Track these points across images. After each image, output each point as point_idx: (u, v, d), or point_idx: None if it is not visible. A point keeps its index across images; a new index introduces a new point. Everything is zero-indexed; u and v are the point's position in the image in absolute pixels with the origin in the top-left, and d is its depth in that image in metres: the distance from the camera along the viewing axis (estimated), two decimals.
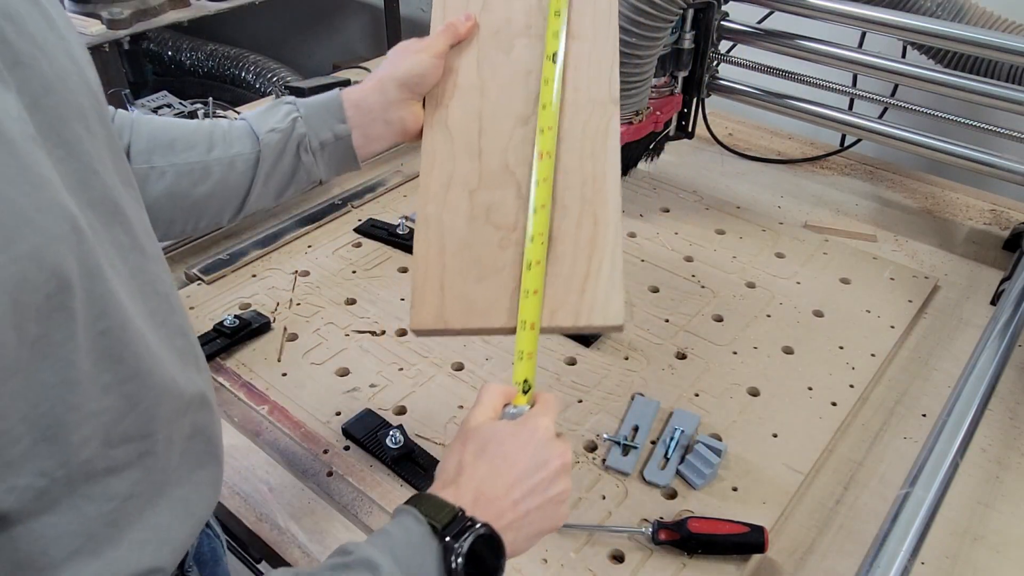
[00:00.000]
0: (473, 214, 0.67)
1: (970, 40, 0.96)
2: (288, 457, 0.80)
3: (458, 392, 0.87)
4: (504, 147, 0.69)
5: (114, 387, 0.42)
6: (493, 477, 0.53)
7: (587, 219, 0.65)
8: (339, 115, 0.71)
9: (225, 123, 0.70)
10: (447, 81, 0.72)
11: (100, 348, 0.40)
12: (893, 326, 0.98)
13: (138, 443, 0.45)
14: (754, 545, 0.70)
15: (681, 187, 1.27)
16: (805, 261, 1.09)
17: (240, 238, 1.11)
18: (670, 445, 0.80)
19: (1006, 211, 1.24)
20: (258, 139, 0.69)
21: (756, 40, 1.17)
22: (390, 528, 0.50)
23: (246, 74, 2.34)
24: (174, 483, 0.49)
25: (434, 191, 0.68)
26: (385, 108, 0.71)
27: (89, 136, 0.43)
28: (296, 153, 0.70)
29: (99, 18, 1.88)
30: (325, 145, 0.71)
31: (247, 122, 0.70)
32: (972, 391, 0.74)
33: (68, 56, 0.43)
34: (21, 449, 0.37)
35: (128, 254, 0.45)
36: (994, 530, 0.75)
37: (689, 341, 0.95)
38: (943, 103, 1.08)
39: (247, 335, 0.93)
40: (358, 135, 0.72)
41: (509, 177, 0.67)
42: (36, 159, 0.37)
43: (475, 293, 0.64)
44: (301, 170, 0.71)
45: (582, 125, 0.68)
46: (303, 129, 0.70)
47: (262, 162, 0.69)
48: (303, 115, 0.70)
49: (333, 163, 0.73)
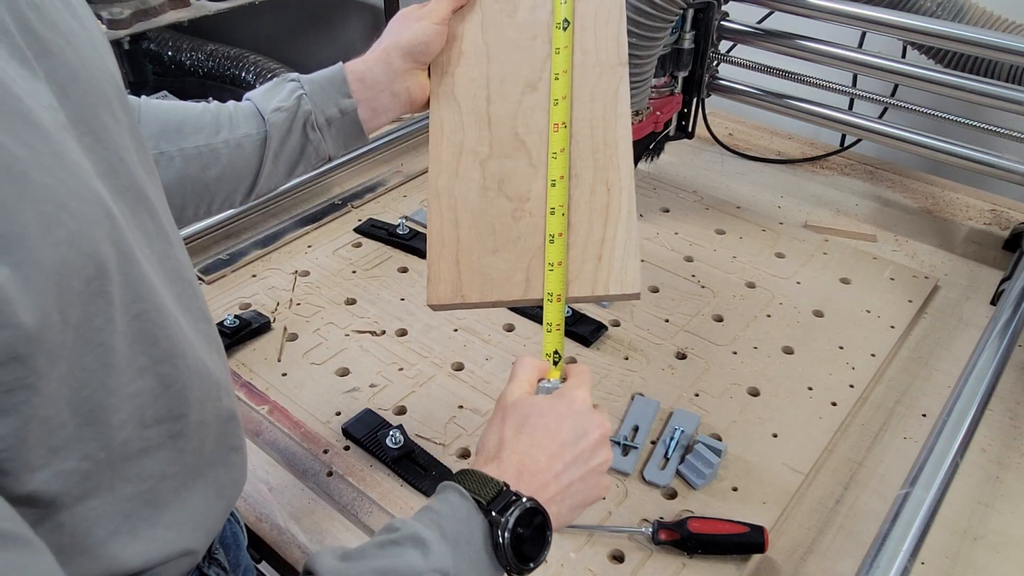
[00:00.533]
0: (485, 184, 0.66)
1: (970, 40, 0.96)
2: (288, 457, 0.80)
3: (458, 392, 0.87)
4: (513, 114, 0.68)
5: (149, 369, 0.43)
6: (535, 450, 0.53)
7: (600, 186, 0.64)
8: (344, 89, 0.70)
9: (231, 105, 0.70)
10: (452, 48, 0.71)
11: (135, 331, 0.41)
12: (893, 326, 0.98)
13: (170, 424, 0.46)
14: (754, 545, 0.70)
15: (681, 187, 1.27)
16: (805, 261, 1.09)
17: (240, 238, 1.11)
18: (670, 445, 0.80)
19: (1006, 211, 1.24)
20: (264, 119, 0.68)
21: (756, 40, 1.17)
22: (435, 504, 0.49)
23: (246, 74, 2.34)
24: (205, 465, 0.50)
25: (445, 161, 0.67)
26: (391, 80, 0.70)
27: (115, 123, 0.44)
28: (303, 131, 0.69)
29: (99, 18, 1.88)
30: (332, 121, 0.70)
31: (252, 102, 0.70)
32: (972, 391, 0.74)
33: (91, 44, 0.43)
34: (66, 434, 0.38)
35: (154, 241, 0.46)
36: (994, 530, 0.75)
37: (689, 341, 0.95)
38: (943, 103, 1.08)
39: (247, 335, 0.93)
40: (364, 108, 0.71)
41: (519, 146, 0.67)
42: (69, 147, 0.38)
43: (491, 265, 0.63)
44: (309, 147, 0.70)
45: (591, 89, 0.67)
46: (308, 106, 0.69)
47: (270, 142, 0.68)
48: (307, 92, 0.69)
49: (341, 138, 0.72)
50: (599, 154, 0.65)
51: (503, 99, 0.68)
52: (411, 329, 0.96)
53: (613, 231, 0.63)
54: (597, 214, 0.63)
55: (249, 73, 2.33)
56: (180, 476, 0.47)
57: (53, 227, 0.34)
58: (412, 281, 1.04)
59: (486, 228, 0.64)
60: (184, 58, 2.44)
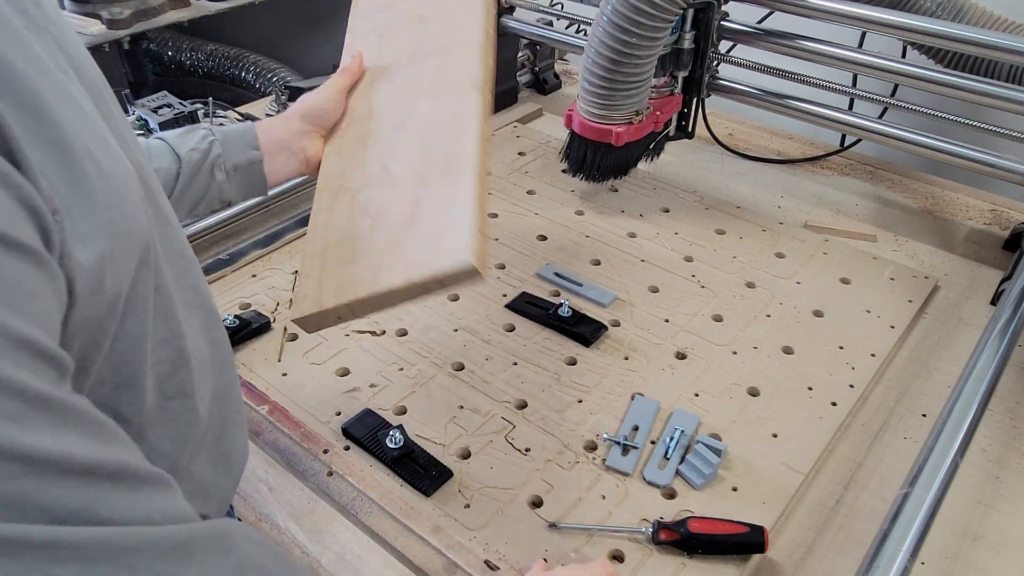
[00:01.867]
0: (354, 211, 0.72)
1: (970, 40, 0.96)
2: (288, 457, 0.80)
3: (458, 392, 0.87)
4: (383, 151, 0.76)
5: (169, 342, 0.46)
6: None
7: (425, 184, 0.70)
8: (253, 142, 0.78)
9: (143, 141, 0.74)
10: (346, 115, 0.82)
11: (157, 304, 0.44)
12: (893, 326, 0.98)
13: (182, 397, 0.48)
14: (754, 545, 0.70)
15: (681, 187, 1.27)
16: (805, 261, 1.09)
17: (240, 238, 1.11)
18: (670, 445, 0.80)
19: (1006, 211, 1.24)
20: (179, 157, 0.74)
21: (756, 40, 1.17)
22: None
23: (246, 74, 2.33)
24: (212, 438, 0.52)
25: (324, 202, 0.74)
26: (291, 138, 0.79)
27: (115, 108, 0.46)
28: (211, 172, 0.76)
29: (99, 18, 1.88)
30: (239, 168, 0.77)
31: (166, 142, 0.75)
32: (972, 391, 0.74)
33: (78, 39, 0.46)
34: (104, 392, 0.40)
35: (157, 221, 0.48)
36: (994, 530, 0.75)
37: (689, 341, 0.95)
38: (943, 103, 1.08)
39: (247, 335, 0.93)
40: (268, 161, 0.79)
41: (386, 174, 0.73)
42: (107, 130, 0.40)
43: (346, 273, 0.67)
44: (213, 188, 0.77)
45: (441, 109, 0.76)
46: (219, 150, 0.76)
47: (181, 178, 0.74)
48: (219, 139, 0.77)
49: (244, 185, 0.79)
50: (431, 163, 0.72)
51: (378, 141, 0.78)
52: (411, 329, 0.96)
53: (442, 214, 0.67)
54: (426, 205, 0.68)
55: (249, 73, 2.33)
56: (190, 449, 0.50)
57: (121, 201, 0.38)
58: None
59: (347, 246, 0.69)
60: (184, 58, 2.44)
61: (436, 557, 0.71)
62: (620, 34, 1.01)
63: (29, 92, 0.33)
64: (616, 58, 1.03)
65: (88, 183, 0.35)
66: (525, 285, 1.03)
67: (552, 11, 1.47)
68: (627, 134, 1.11)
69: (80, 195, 0.35)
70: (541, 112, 1.52)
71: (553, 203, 1.22)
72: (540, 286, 1.04)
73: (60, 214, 0.33)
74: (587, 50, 1.06)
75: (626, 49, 1.02)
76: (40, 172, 0.32)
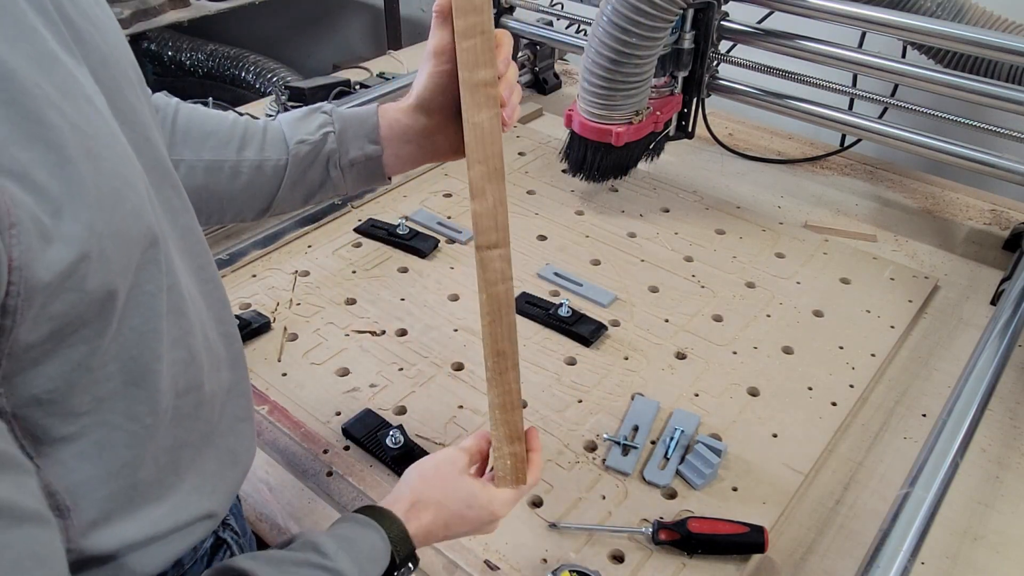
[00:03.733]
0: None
1: (970, 40, 0.96)
2: (288, 457, 0.80)
3: (458, 392, 0.87)
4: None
5: (181, 340, 0.46)
6: (441, 528, 0.60)
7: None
8: (372, 135, 0.67)
9: (261, 124, 0.69)
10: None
11: (170, 302, 0.44)
12: (893, 326, 0.98)
13: (194, 394, 0.48)
14: (754, 545, 0.70)
15: (681, 187, 1.27)
16: (805, 261, 1.09)
17: (240, 238, 1.11)
18: (670, 445, 0.80)
19: (1006, 211, 1.24)
20: (288, 148, 0.67)
21: (756, 40, 1.17)
22: (359, 540, 0.53)
23: (246, 74, 2.34)
24: (216, 434, 0.52)
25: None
26: (418, 132, 0.67)
27: (139, 104, 0.46)
28: (325, 167, 0.68)
29: None
30: (355, 163, 0.68)
31: (281, 127, 0.69)
32: (972, 391, 0.74)
33: (114, 31, 0.46)
34: (112, 387, 0.40)
35: (179, 216, 0.49)
36: (994, 530, 0.75)
37: (689, 341, 0.95)
38: (943, 103, 1.08)
39: (247, 335, 0.93)
40: (389, 155, 0.68)
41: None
42: (116, 126, 0.40)
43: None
44: (328, 183, 0.69)
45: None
46: (333, 144, 0.67)
47: (289, 170, 0.67)
48: (336, 130, 0.67)
49: (361, 180, 0.70)
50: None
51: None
52: (411, 329, 0.96)
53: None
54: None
55: (249, 73, 2.33)
56: (196, 444, 0.50)
57: (122, 200, 0.38)
58: (412, 281, 1.04)
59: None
60: (184, 58, 2.45)
61: (436, 557, 0.71)
62: (620, 34, 1.01)
63: (22, 91, 0.33)
64: (616, 58, 1.03)
65: (80, 184, 0.35)
66: (525, 285, 1.03)
67: (552, 11, 1.47)
68: (627, 134, 1.11)
69: (71, 195, 0.34)
70: (541, 112, 1.52)
71: (553, 203, 1.22)
72: (540, 286, 1.04)
73: (16, 228, 0.31)
74: (587, 50, 1.06)
75: (626, 49, 1.02)
76: (24, 174, 0.32)
